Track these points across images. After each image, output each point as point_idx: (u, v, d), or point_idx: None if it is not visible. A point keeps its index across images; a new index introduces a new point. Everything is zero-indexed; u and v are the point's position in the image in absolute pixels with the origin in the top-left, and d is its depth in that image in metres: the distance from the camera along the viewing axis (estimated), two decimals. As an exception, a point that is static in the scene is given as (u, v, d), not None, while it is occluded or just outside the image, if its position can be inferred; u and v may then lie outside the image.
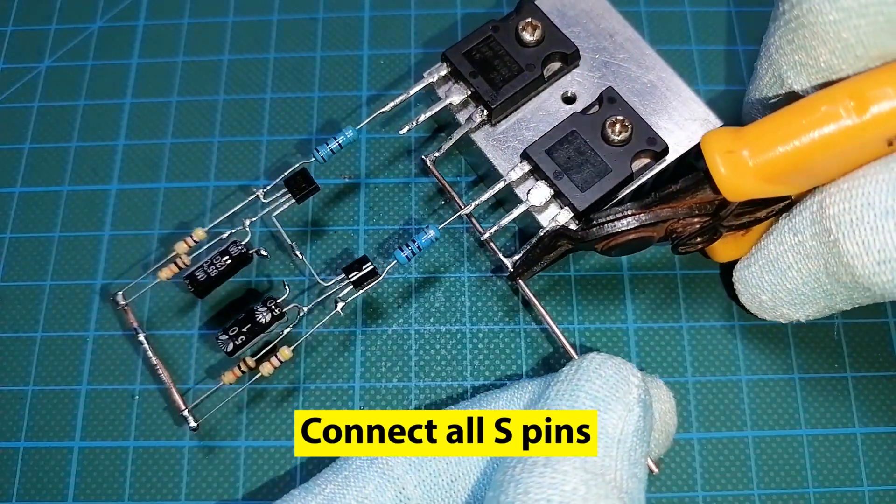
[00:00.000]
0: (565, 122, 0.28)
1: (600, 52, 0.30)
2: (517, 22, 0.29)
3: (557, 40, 0.29)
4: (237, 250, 0.28)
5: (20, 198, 0.32)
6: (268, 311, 0.27)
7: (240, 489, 0.28)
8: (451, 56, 0.29)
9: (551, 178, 0.27)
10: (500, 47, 0.29)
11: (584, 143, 0.27)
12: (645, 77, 0.29)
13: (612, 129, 0.27)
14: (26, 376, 0.30)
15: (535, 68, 0.28)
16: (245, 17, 0.35)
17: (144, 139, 0.33)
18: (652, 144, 0.27)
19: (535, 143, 0.27)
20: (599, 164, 0.27)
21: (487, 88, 0.28)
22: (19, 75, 0.35)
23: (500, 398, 0.25)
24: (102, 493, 0.28)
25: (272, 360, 0.27)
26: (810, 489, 0.28)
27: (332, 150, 0.28)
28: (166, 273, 0.28)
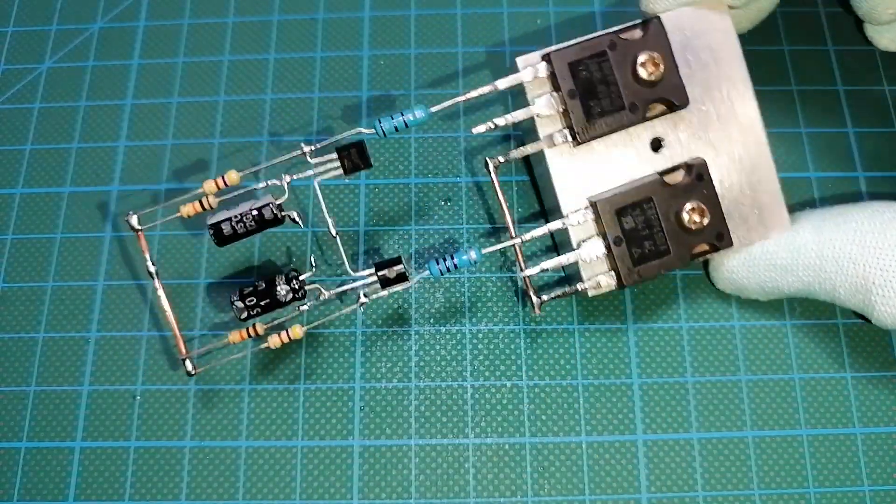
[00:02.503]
0: (646, 185, 0.26)
1: (708, 101, 0.27)
2: (638, 51, 0.26)
3: (673, 88, 0.26)
4: (270, 213, 0.26)
5: (21, 199, 0.33)
6: (290, 290, 0.26)
7: (240, 489, 0.28)
8: (556, 63, 0.26)
9: (611, 242, 0.26)
10: (611, 72, 0.26)
11: (656, 217, 0.26)
12: (740, 149, 0.27)
13: (690, 215, 0.26)
14: (28, 377, 0.30)
15: (638, 111, 0.26)
16: (245, 18, 0.35)
17: (145, 140, 0.33)
18: (718, 240, 0.26)
19: (607, 199, 0.26)
20: (662, 245, 0.26)
21: (581, 116, 0.26)
22: (20, 76, 0.35)
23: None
24: (103, 493, 0.28)
25: (282, 335, 0.26)
26: (811, 489, 0.28)
27: (395, 126, 0.26)
28: (189, 210, 0.26)
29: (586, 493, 0.28)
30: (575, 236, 0.27)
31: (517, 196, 0.32)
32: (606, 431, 0.29)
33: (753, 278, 0.28)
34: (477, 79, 0.34)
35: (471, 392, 0.29)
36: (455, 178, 0.32)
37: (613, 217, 0.26)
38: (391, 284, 0.26)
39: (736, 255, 0.28)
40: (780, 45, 0.34)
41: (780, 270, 0.27)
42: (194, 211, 0.26)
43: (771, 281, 0.27)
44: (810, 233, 0.26)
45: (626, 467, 0.28)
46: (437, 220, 0.32)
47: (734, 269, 0.28)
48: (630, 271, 0.26)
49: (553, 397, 0.29)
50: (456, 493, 0.28)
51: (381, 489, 0.28)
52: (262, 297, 0.26)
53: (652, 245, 0.26)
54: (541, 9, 0.35)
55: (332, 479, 0.28)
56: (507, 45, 0.35)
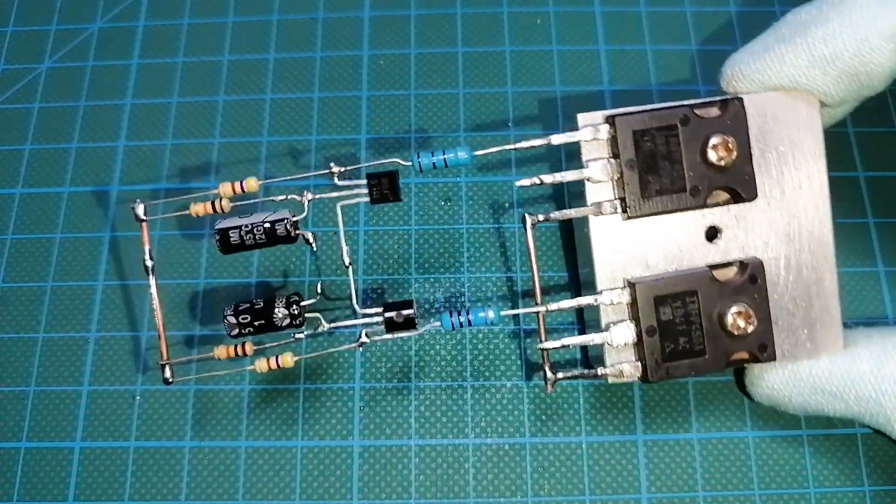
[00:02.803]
0: (693, 276, 0.24)
1: (777, 198, 0.25)
2: (711, 131, 0.24)
3: (742, 178, 0.24)
4: (283, 230, 0.25)
5: (21, 199, 0.32)
6: (288, 315, 0.25)
7: (240, 490, 0.28)
8: (620, 128, 0.24)
9: (643, 330, 0.24)
10: (678, 149, 0.24)
11: (698, 313, 0.24)
12: (803, 257, 0.25)
13: (735, 319, 0.24)
14: (28, 377, 0.30)
15: (700, 196, 0.24)
16: (245, 18, 0.35)
17: (145, 140, 0.33)
18: (761, 351, 0.24)
19: (648, 283, 0.24)
20: (698, 344, 0.24)
21: (636, 191, 0.24)
22: (20, 76, 0.35)
23: None
24: (103, 493, 0.28)
25: (270, 360, 0.25)
26: (811, 489, 0.28)
27: (434, 163, 0.25)
28: (200, 209, 0.25)
29: (586, 494, 0.28)
30: (605, 316, 0.25)
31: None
32: (607, 431, 0.29)
33: (796, 399, 0.25)
34: (477, 78, 0.34)
35: (471, 392, 0.29)
36: (455, 178, 0.32)
37: (651, 304, 0.24)
38: (398, 329, 0.25)
39: (779, 371, 0.25)
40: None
41: (827, 396, 0.25)
42: (205, 211, 0.25)
43: (815, 404, 0.25)
44: (869, 364, 0.24)
45: (626, 467, 0.28)
46: (437, 220, 0.32)
47: (775, 387, 0.26)
48: (658, 366, 0.24)
49: (553, 397, 0.29)
50: (456, 493, 0.28)
51: (381, 489, 0.28)
52: (257, 316, 0.25)
53: (687, 342, 0.24)
54: (541, 8, 0.35)
55: (331, 480, 0.28)
56: (508, 45, 0.34)
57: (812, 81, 0.24)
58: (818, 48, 0.23)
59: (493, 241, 0.31)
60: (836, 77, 0.24)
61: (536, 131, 0.33)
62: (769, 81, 0.24)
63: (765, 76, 0.24)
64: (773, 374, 0.25)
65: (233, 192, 0.25)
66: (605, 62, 0.34)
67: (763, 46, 0.25)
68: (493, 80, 0.34)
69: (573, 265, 0.31)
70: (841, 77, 0.24)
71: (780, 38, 0.24)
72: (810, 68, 0.24)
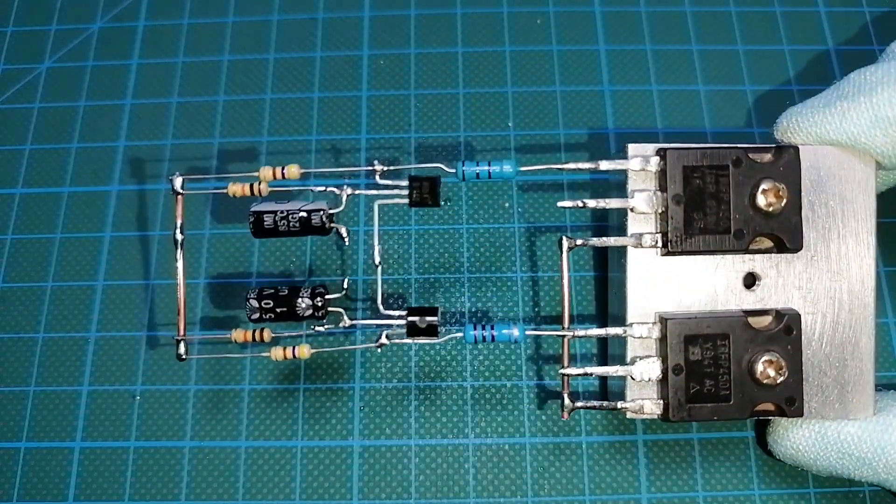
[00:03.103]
0: (726, 320, 0.23)
1: (822, 253, 0.24)
2: (763, 175, 0.23)
3: (789, 228, 0.24)
4: (319, 220, 0.24)
5: (21, 199, 0.32)
6: (311, 306, 0.24)
7: (240, 489, 0.28)
8: (670, 161, 0.23)
9: (669, 368, 0.23)
10: (727, 190, 0.23)
11: (727, 358, 0.23)
12: (842, 315, 0.24)
13: (766, 367, 0.23)
14: (28, 377, 0.30)
15: (743, 240, 0.24)
16: (245, 18, 0.35)
17: (145, 140, 0.33)
18: (789, 404, 0.23)
19: (680, 321, 0.23)
20: (724, 389, 0.23)
21: (679, 227, 0.23)
22: (20, 76, 0.35)
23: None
24: (103, 493, 0.28)
25: (287, 350, 0.25)
26: (811, 489, 0.28)
27: (477, 174, 0.24)
28: (237, 190, 0.25)
29: (586, 494, 0.28)
30: (632, 350, 0.24)
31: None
32: (606, 431, 0.29)
33: (822, 461, 0.25)
34: (477, 78, 0.34)
35: (471, 392, 0.29)
36: (454, 178, 0.32)
37: (681, 342, 0.23)
38: (419, 335, 0.24)
39: (805, 430, 0.25)
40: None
41: (855, 461, 0.24)
42: (242, 192, 0.25)
43: (841, 468, 0.25)
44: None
45: (626, 467, 0.28)
46: (437, 220, 0.32)
47: (800, 446, 0.25)
48: (680, 406, 0.23)
49: (554, 397, 0.29)
50: (456, 493, 0.28)
51: (381, 489, 0.28)
52: (280, 303, 0.25)
53: (713, 386, 0.23)
54: (541, 8, 0.35)
55: (331, 480, 0.28)
56: (508, 45, 0.34)
57: (872, 141, 0.24)
58: (883, 109, 0.23)
59: (493, 241, 0.31)
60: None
61: (537, 131, 0.33)
62: (827, 136, 0.24)
63: (823, 131, 0.24)
64: (799, 433, 0.25)
65: (273, 177, 0.25)
66: (605, 62, 0.34)
67: (824, 102, 0.24)
68: (493, 80, 0.34)
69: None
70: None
71: (843, 96, 0.24)
72: (872, 128, 0.23)
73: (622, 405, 0.24)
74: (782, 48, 0.34)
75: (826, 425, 0.24)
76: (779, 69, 0.34)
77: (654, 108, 0.33)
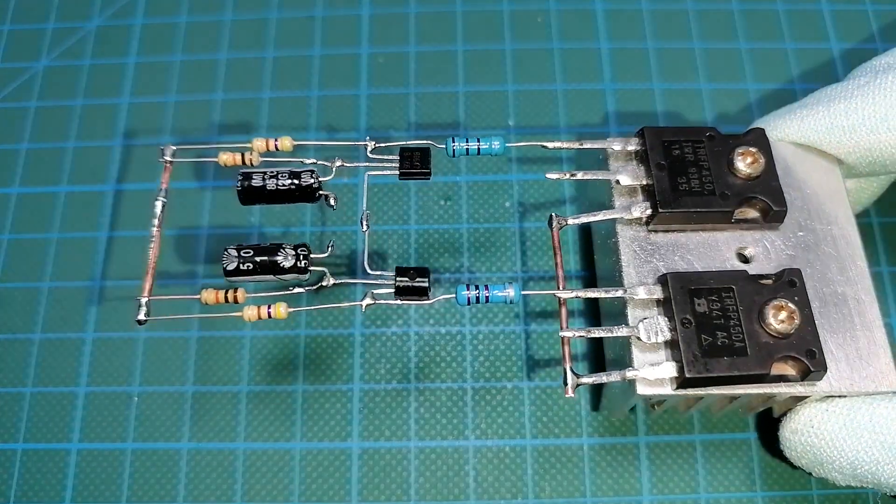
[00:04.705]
0: (728, 273, 0.23)
1: (807, 230, 0.25)
2: (739, 144, 0.24)
3: (771, 189, 0.24)
4: (308, 181, 0.24)
5: (17, 199, 0.32)
6: (294, 256, 0.23)
7: (237, 492, 0.28)
8: (649, 136, 0.24)
9: (677, 320, 0.22)
10: (706, 159, 0.24)
11: (735, 308, 0.22)
12: (841, 287, 0.24)
13: (776, 313, 0.22)
14: (25, 378, 0.30)
15: (729, 203, 0.24)
16: (243, 16, 0.35)
17: (142, 138, 0.33)
18: (809, 357, 0.22)
19: (681, 274, 0.23)
20: (738, 341, 0.22)
21: (666, 188, 0.24)
22: (16, 75, 0.35)
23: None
24: (100, 495, 0.28)
25: (261, 309, 0.23)
26: (814, 491, 0.28)
27: (467, 149, 0.24)
28: (228, 159, 0.24)
29: (588, 496, 0.28)
30: (632, 315, 0.23)
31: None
32: (608, 433, 0.28)
33: (849, 452, 0.23)
34: (477, 77, 0.34)
35: (471, 394, 0.29)
36: (454, 177, 0.32)
37: (685, 296, 0.22)
38: (408, 295, 0.23)
39: (831, 416, 0.23)
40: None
41: (887, 450, 0.22)
42: (233, 162, 0.24)
43: (869, 459, 0.23)
44: None
45: (627, 469, 0.28)
46: (437, 220, 0.31)
47: (825, 434, 0.23)
48: (696, 360, 0.21)
49: (555, 399, 0.29)
50: (456, 495, 0.28)
51: (381, 492, 0.28)
52: (261, 254, 0.23)
53: (726, 338, 0.22)
54: (542, 6, 0.35)
55: (330, 482, 0.28)
56: (508, 43, 0.34)
57: (829, 147, 0.26)
58: (838, 119, 0.25)
59: (493, 240, 0.31)
60: (853, 148, 0.25)
61: (538, 130, 0.33)
62: (788, 139, 0.26)
63: (784, 135, 0.26)
64: (824, 416, 0.23)
65: (266, 148, 0.24)
66: (606, 60, 0.34)
67: (788, 110, 0.26)
68: (494, 78, 0.34)
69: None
70: (857, 149, 0.25)
71: (804, 105, 0.26)
72: (828, 135, 0.25)
73: (631, 374, 0.22)
74: (785, 46, 0.34)
75: (855, 406, 0.23)
76: (781, 67, 0.34)
77: (656, 106, 0.33)
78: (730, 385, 0.22)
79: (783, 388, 0.22)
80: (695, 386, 0.22)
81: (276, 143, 0.24)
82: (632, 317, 0.23)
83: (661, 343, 0.23)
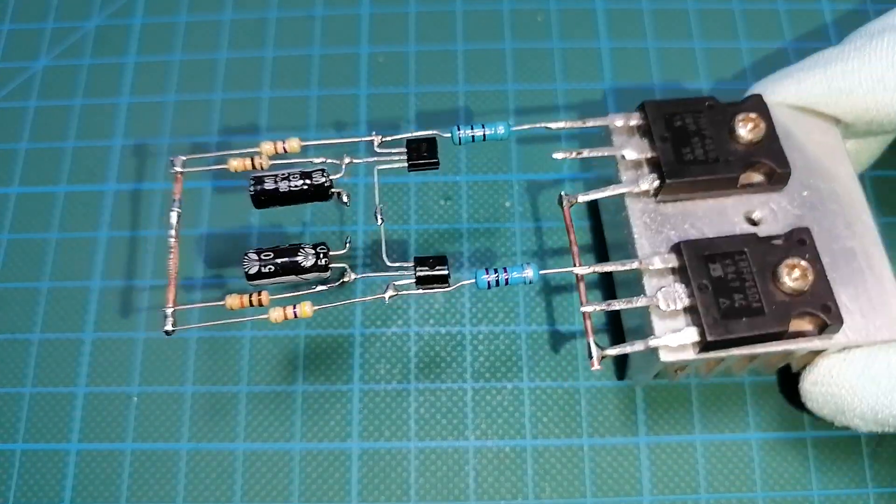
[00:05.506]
0: (739, 237, 0.24)
1: (811, 189, 0.25)
2: (738, 111, 0.25)
3: (773, 152, 0.24)
4: (319, 180, 0.24)
5: (17, 198, 0.32)
6: (314, 255, 0.23)
7: (237, 493, 0.28)
8: (650, 110, 0.25)
9: (694, 286, 0.23)
10: (708, 128, 0.25)
11: (750, 270, 0.23)
12: (849, 242, 0.25)
13: (790, 272, 0.23)
14: (24, 378, 0.30)
15: (733, 168, 0.24)
16: (242, 15, 0.35)
17: (142, 138, 0.33)
18: (825, 312, 0.22)
19: (694, 242, 0.23)
20: (755, 301, 0.22)
21: (672, 159, 0.24)
22: (15, 74, 0.34)
23: None
24: (99, 495, 0.28)
25: (287, 309, 0.23)
26: (814, 492, 0.28)
27: (473, 136, 0.24)
28: (238, 164, 0.24)
29: (588, 496, 0.28)
30: (649, 285, 0.24)
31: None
32: (609, 434, 0.28)
33: (869, 399, 0.23)
34: (477, 76, 0.34)
35: (471, 394, 0.29)
36: (454, 177, 0.32)
37: (700, 262, 0.23)
38: (428, 284, 0.23)
39: (849, 365, 0.24)
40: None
41: None
42: (243, 167, 0.24)
43: (891, 406, 0.23)
44: None
45: (628, 469, 0.28)
46: (437, 220, 0.31)
47: (844, 383, 0.24)
48: (716, 323, 0.22)
49: (555, 399, 0.29)
50: (456, 496, 0.28)
51: (381, 493, 0.28)
52: (281, 255, 0.23)
53: (743, 300, 0.22)
54: (541, 5, 0.35)
55: (330, 483, 0.28)
56: (508, 42, 0.34)
57: (828, 108, 0.26)
58: (835, 81, 0.25)
59: (493, 240, 0.31)
60: (851, 108, 0.26)
61: (538, 130, 0.32)
62: (785, 102, 0.26)
63: (782, 98, 0.26)
64: (843, 366, 0.24)
65: (274, 151, 0.24)
66: (606, 59, 0.34)
67: (784, 74, 0.27)
68: (494, 78, 0.34)
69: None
70: (855, 109, 0.25)
71: (801, 68, 0.26)
72: (826, 96, 0.26)
73: (654, 342, 0.23)
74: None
75: (873, 356, 0.23)
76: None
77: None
78: (750, 345, 0.23)
79: (801, 344, 0.23)
80: (716, 349, 0.23)
81: (285, 144, 0.24)
82: (649, 287, 0.24)
83: (680, 310, 0.23)
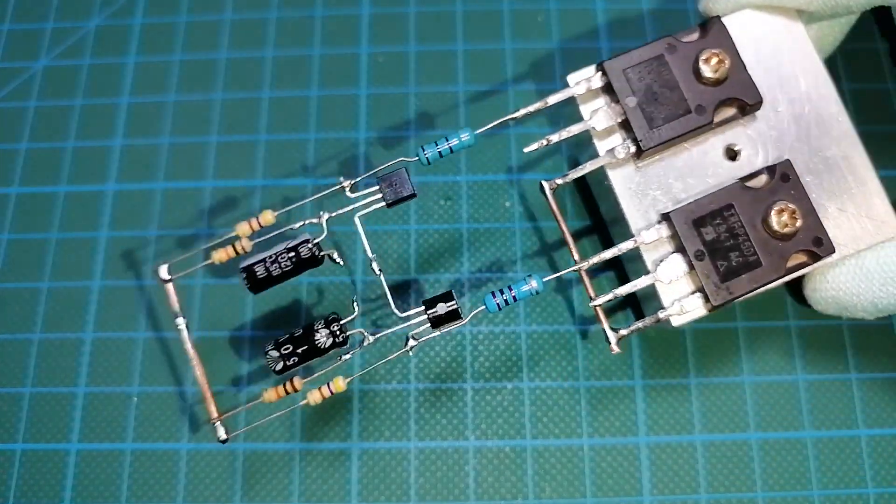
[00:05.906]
0: (724, 191, 0.24)
1: (785, 104, 0.25)
2: (700, 48, 0.24)
3: (741, 85, 0.24)
4: (307, 251, 0.24)
5: (17, 198, 0.32)
6: (329, 334, 0.24)
7: (237, 493, 0.28)
8: (610, 70, 0.24)
9: (690, 256, 0.23)
10: (671, 75, 0.24)
11: (740, 224, 0.23)
12: (829, 150, 0.25)
13: (778, 217, 0.23)
14: (24, 378, 0.30)
15: (706, 113, 0.24)
16: (243, 15, 0.35)
17: (142, 138, 0.33)
18: (817, 245, 0.23)
19: (682, 209, 0.24)
20: (751, 255, 0.23)
21: (643, 123, 0.24)
22: (16, 74, 0.34)
23: None
24: (99, 495, 0.28)
25: (322, 389, 0.24)
26: (814, 492, 0.28)
27: (440, 152, 0.24)
28: (222, 255, 0.24)
29: (588, 496, 0.28)
30: (649, 259, 0.24)
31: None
32: (609, 434, 0.28)
33: (866, 295, 0.24)
34: (477, 76, 0.34)
35: (471, 394, 0.29)
36: (455, 177, 0.32)
37: (691, 229, 0.23)
38: (443, 324, 0.24)
39: (842, 268, 0.24)
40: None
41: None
42: (227, 256, 0.25)
43: (887, 297, 0.24)
44: None
45: (628, 469, 0.28)
46: (437, 220, 0.31)
47: (841, 285, 0.25)
48: (717, 288, 0.23)
49: (555, 399, 0.29)
50: (456, 496, 0.28)
51: (381, 492, 0.28)
52: (300, 344, 0.24)
53: (739, 257, 0.23)
54: (541, 5, 0.35)
55: (330, 482, 0.28)
56: (508, 42, 0.34)
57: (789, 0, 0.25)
58: None
59: (493, 240, 0.31)
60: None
61: (539, 130, 0.32)
62: (745, 4, 0.25)
63: (737, 2, 0.25)
64: (837, 272, 0.25)
65: (251, 230, 0.25)
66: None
67: None
68: (494, 78, 0.34)
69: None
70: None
71: None
72: None
73: (664, 315, 0.24)
74: None
75: (862, 256, 0.24)
76: None
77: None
78: (754, 292, 0.23)
79: (800, 272, 0.24)
80: (724, 307, 0.23)
81: (259, 219, 0.25)
82: (649, 261, 0.24)
83: (683, 276, 0.24)
